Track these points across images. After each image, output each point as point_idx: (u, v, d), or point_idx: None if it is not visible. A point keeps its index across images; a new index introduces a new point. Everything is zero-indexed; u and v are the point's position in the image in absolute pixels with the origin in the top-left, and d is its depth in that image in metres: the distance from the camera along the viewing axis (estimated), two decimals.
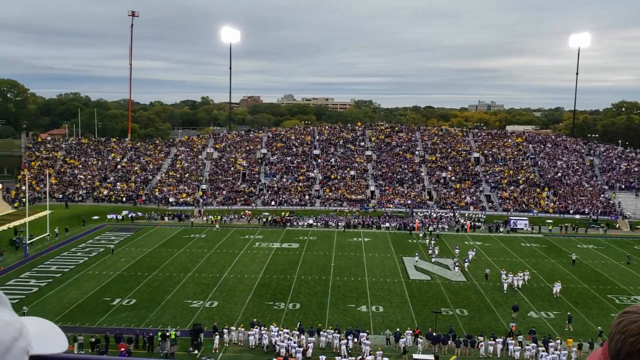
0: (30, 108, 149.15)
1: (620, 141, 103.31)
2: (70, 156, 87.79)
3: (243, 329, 33.25)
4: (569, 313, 37.43)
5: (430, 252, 54.85)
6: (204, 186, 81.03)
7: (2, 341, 1.20)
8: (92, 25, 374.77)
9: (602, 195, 77.64)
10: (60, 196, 76.59)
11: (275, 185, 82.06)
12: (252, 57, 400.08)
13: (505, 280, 43.94)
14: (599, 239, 64.19)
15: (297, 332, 32.80)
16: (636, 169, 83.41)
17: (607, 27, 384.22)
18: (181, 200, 77.22)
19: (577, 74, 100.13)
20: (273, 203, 77.30)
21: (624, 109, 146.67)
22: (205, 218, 70.84)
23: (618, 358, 1.29)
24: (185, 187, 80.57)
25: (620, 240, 63.49)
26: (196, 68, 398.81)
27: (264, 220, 69.62)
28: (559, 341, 32.18)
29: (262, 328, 33.13)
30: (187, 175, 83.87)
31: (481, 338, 32.64)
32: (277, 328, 33.02)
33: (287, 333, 32.27)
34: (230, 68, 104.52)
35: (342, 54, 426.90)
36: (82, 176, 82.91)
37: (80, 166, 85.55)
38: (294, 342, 31.44)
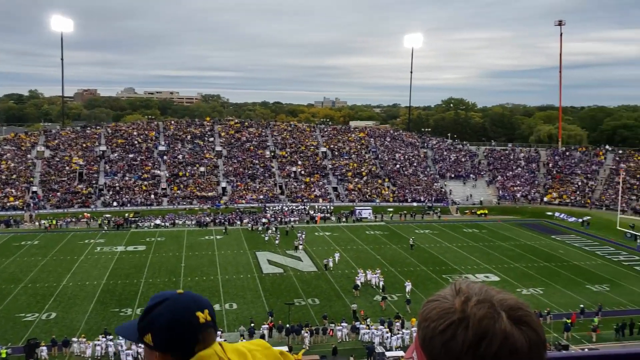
0: None
1: (449, 134, 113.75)
2: None
3: (85, 339, 30.89)
4: (408, 297, 39.66)
5: (277, 244, 56.02)
6: (34, 188, 73.68)
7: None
8: None
9: (435, 184, 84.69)
10: None
11: (117, 184, 77.32)
12: (88, 48, 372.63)
13: (358, 278, 42.82)
14: (434, 224, 69.77)
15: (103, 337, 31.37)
16: (463, 160, 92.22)
17: (436, 29, 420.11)
18: (8, 204, 69.51)
19: (411, 72, 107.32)
20: (115, 204, 72.77)
21: (451, 105, 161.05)
22: (37, 223, 64.52)
23: (424, 343, 1.42)
24: (13, 190, 72.62)
25: (452, 225, 69.64)
26: (23, 59, 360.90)
27: (106, 222, 65.23)
28: (401, 322, 34.34)
29: (109, 337, 31.03)
30: (14, 176, 75.51)
31: (332, 325, 33.75)
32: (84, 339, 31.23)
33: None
34: (62, 59, 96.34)
35: (187, 47, 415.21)
36: None
37: None
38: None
